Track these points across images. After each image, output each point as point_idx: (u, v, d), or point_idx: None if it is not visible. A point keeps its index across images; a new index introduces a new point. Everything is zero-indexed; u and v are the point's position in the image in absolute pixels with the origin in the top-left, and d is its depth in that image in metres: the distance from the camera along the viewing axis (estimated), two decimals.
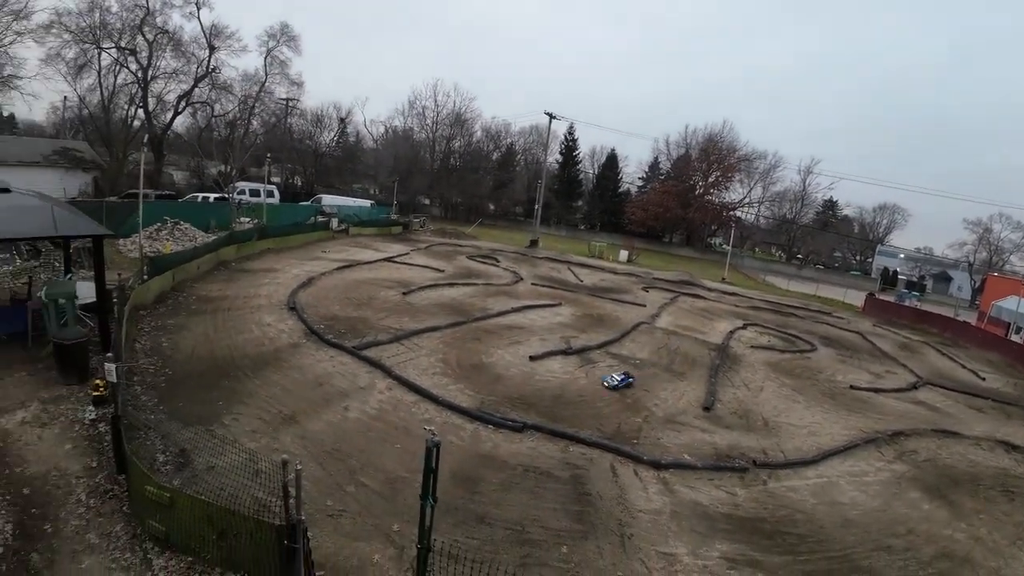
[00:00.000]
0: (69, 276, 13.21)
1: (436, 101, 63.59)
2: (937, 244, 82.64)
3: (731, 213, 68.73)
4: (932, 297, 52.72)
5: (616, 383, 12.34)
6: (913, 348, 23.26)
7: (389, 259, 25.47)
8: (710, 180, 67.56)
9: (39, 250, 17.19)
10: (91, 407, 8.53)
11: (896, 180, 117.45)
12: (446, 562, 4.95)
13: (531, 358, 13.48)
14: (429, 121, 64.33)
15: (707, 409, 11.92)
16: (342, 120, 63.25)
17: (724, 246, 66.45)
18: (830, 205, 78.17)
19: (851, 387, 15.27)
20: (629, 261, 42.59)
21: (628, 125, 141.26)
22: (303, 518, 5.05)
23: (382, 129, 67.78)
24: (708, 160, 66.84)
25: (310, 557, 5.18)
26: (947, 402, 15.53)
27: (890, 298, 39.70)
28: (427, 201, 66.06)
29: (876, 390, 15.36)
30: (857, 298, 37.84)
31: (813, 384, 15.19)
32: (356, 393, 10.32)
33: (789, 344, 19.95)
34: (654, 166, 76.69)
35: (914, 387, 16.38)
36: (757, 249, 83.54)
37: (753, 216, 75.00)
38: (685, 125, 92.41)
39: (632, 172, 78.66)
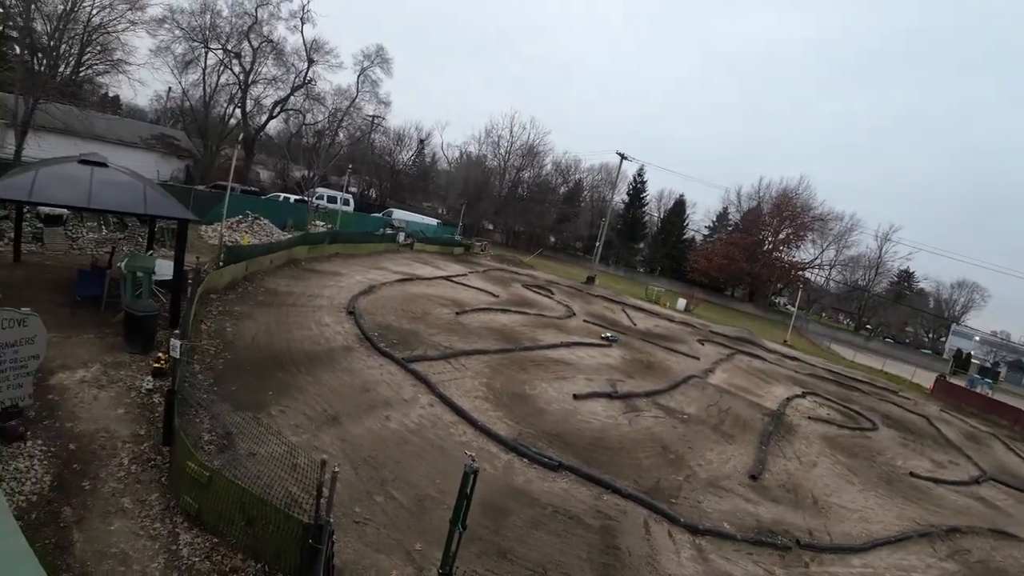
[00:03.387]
0: (150, 252, 14.13)
1: (511, 132, 65.23)
2: (1015, 329, 76.34)
3: (800, 273, 65.65)
4: (1005, 386, 48.15)
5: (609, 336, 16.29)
6: (980, 439, 21.51)
7: (447, 277, 25.87)
8: (780, 237, 64.93)
9: (126, 224, 18.50)
10: (149, 377, 8.92)
11: (978, 256, 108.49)
12: None
13: (575, 396, 13.16)
14: (502, 150, 65.93)
15: (754, 478, 11.18)
16: (421, 141, 66.10)
17: (789, 307, 63.44)
18: (906, 276, 73.65)
19: (911, 474, 14.19)
20: (687, 310, 41.35)
21: (700, 172, 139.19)
22: (331, 520, 5.02)
23: (457, 153, 70.07)
24: (780, 216, 64.43)
25: (332, 561, 5.13)
26: (1009, 501, 14.24)
27: (961, 382, 36.60)
28: (490, 226, 67.21)
29: (936, 480, 14.22)
30: (926, 378, 35.18)
31: (870, 466, 14.11)
32: (399, 404, 10.37)
33: (849, 420, 18.65)
34: (722, 216, 75.06)
35: (977, 481, 15.10)
36: (824, 314, 79.03)
37: (823, 279, 71.43)
38: (759, 178, 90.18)
39: (699, 220, 77.48)
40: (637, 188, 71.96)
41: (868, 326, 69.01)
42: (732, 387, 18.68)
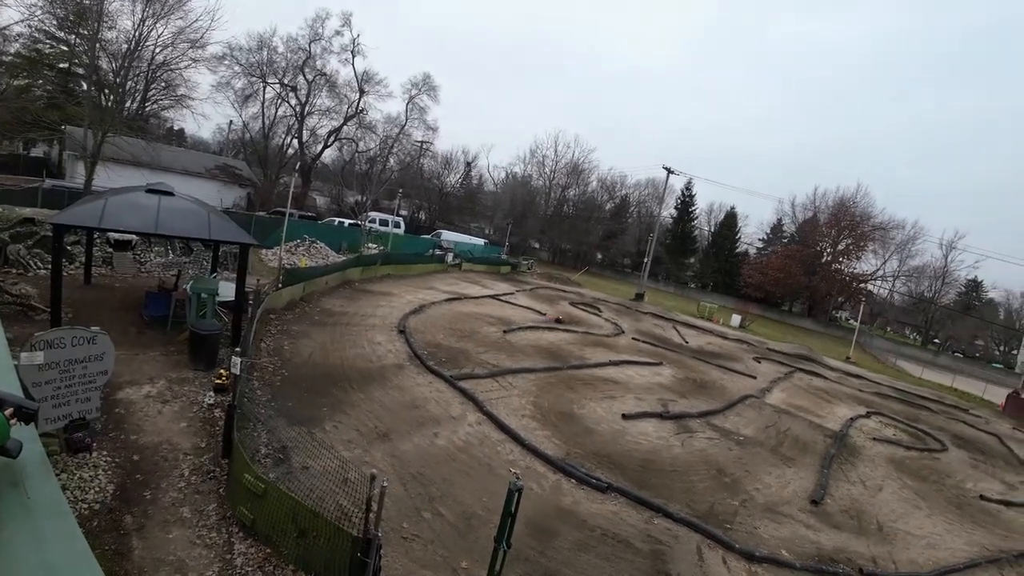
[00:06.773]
0: (214, 275, 14.97)
1: (556, 151, 65.97)
2: None
3: (861, 286, 61.74)
4: None
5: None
6: None
7: (495, 296, 26.07)
8: (839, 248, 61.45)
9: (191, 248, 19.70)
10: (211, 393, 9.35)
11: None
12: None
13: (624, 416, 12.87)
14: (547, 169, 66.57)
15: (815, 503, 10.55)
16: (468, 164, 67.59)
17: (851, 321, 60.10)
18: (974, 286, 68.58)
19: (980, 497, 13.17)
20: (741, 327, 39.88)
21: (751, 183, 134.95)
22: (380, 535, 5.09)
23: (503, 174, 71.19)
24: (838, 226, 61.01)
25: (379, 575, 5.18)
26: None
27: None
28: (537, 245, 67.51)
29: (1007, 503, 13.13)
30: (998, 394, 32.36)
31: (939, 489, 13.14)
32: (447, 422, 10.45)
33: (916, 440, 17.39)
34: (777, 228, 72.26)
35: None
36: (888, 328, 74.08)
37: (886, 291, 67.25)
38: (814, 187, 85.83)
39: (752, 233, 74.67)
40: (685, 202, 70.58)
41: (936, 340, 64.31)
42: (791, 407, 17.79)
